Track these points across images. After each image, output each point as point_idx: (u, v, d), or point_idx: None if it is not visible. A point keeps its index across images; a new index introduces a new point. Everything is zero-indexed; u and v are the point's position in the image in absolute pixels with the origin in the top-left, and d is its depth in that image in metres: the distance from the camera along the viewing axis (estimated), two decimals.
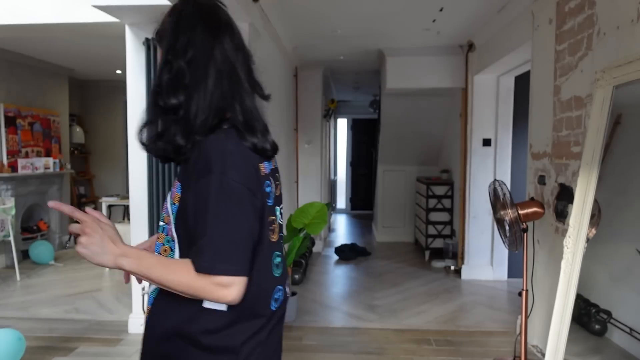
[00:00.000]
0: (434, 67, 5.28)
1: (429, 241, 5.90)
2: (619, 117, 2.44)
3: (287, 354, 3.21)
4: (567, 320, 2.25)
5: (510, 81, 4.88)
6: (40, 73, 6.12)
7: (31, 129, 5.84)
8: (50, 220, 6.23)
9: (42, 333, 3.51)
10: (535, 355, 3.16)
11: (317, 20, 4.23)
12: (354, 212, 10.56)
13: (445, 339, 3.46)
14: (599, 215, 2.47)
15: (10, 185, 5.43)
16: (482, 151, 4.99)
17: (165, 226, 1.08)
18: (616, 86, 2.22)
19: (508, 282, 4.95)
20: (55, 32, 3.93)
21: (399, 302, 4.29)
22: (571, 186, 2.74)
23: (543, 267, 3.12)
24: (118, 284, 4.82)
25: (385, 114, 6.38)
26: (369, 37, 4.85)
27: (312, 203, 3.86)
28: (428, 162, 6.89)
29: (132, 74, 3.43)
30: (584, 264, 2.27)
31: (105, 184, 7.68)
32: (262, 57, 3.82)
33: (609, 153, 2.45)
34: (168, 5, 2.95)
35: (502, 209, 2.89)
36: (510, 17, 3.82)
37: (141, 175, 3.43)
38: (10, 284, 4.81)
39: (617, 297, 2.53)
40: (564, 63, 2.88)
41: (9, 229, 4.86)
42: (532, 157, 3.35)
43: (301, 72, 6.17)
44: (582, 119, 2.65)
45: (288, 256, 3.74)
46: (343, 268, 5.61)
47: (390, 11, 3.97)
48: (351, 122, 10.62)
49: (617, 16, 2.33)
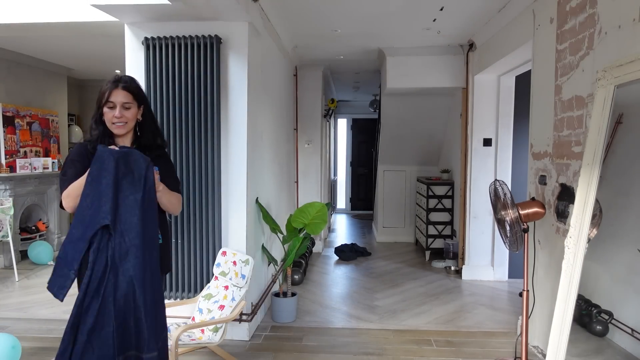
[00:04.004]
0: (434, 66, 5.27)
1: (429, 241, 5.89)
2: (620, 117, 2.43)
3: (287, 354, 3.19)
4: (568, 321, 2.24)
5: (511, 81, 4.87)
6: (39, 72, 6.11)
7: (30, 128, 5.83)
8: (49, 220, 6.21)
9: (40, 334, 3.50)
10: (536, 356, 3.15)
11: (317, 19, 4.22)
12: (354, 212, 10.55)
13: (446, 339, 3.45)
14: (600, 216, 2.46)
15: (9, 185, 5.41)
16: (483, 151, 4.98)
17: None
18: (617, 86, 2.21)
19: (509, 282, 4.94)
20: (54, 31, 3.92)
21: (399, 303, 4.28)
22: (572, 186, 2.73)
23: (544, 268, 3.11)
24: None
25: (385, 114, 6.37)
26: (369, 37, 4.84)
27: (312, 203, 3.84)
28: (428, 162, 6.88)
29: (131, 74, 3.39)
30: (585, 264, 2.26)
31: None
32: (261, 56, 3.80)
33: (611, 153, 2.44)
34: (168, 5, 2.95)
35: (502, 209, 2.88)
36: (511, 17, 3.81)
37: None
38: (8, 284, 4.79)
39: (619, 297, 2.52)
40: (565, 62, 2.87)
41: (7, 230, 4.85)
42: (533, 157, 3.33)
43: (301, 72, 6.16)
44: (583, 118, 2.64)
45: (288, 256, 3.73)
46: (343, 268, 5.60)
47: (390, 11, 3.96)
48: (351, 122, 10.61)
49: (618, 15, 2.32)
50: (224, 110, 3.37)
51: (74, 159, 1.95)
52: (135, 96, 1.97)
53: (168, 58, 3.27)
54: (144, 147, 2.01)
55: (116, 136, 1.99)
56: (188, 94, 3.27)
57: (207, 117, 3.27)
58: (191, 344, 2.75)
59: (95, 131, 1.96)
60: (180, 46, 3.25)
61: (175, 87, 3.27)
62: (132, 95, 1.95)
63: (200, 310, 2.98)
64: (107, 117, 1.93)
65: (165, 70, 3.27)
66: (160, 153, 2.09)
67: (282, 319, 3.76)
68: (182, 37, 3.25)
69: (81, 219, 1.76)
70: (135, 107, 1.97)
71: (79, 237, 1.76)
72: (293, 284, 4.52)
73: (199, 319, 2.95)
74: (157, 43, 3.27)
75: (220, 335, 2.79)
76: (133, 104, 1.96)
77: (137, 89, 1.99)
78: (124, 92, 1.93)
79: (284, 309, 3.77)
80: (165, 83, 3.27)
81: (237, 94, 3.37)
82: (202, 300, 3.01)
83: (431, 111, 6.11)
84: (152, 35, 3.29)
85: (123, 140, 2.01)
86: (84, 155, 1.92)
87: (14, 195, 5.43)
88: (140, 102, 2.01)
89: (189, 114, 3.28)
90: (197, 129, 3.28)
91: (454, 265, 5.33)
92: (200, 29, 3.27)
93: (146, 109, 2.06)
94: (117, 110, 1.91)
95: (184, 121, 3.28)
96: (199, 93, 3.27)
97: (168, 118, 3.28)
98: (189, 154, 3.30)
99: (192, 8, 3.05)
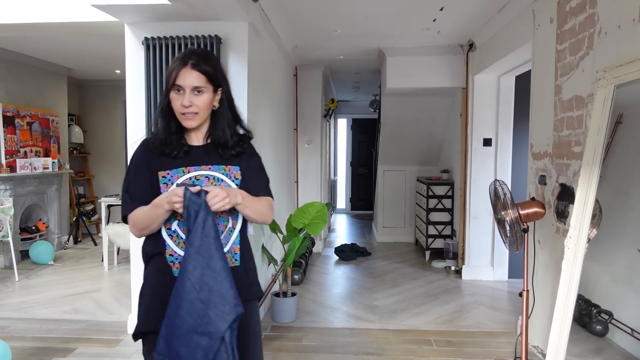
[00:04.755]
0: (434, 66, 5.27)
1: (429, 241, 5.89)
2: (620, 117, 2.43)
3: (287, 354, 3.19)
4: (568, 321, 2.24)
5: (511, 81, 4.87)
6: (39, 72, 6.11)
7: (30, 128, 5.83)
8: (49, 220, 6.22)
9: (41, 334, 3.50)
10: (536, 355, 3.15)
11: (317, 19, 4.22)
12: (354, 212, 10.55)
13: (446, 339, 3.45)
14: (600, 216, 2.46)
15: (9, 185, 5.41)
16: (483, 151, 4.98)
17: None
18: (617, 86, 2.21)
19: (509, 282, 4.94)
20: (54, 32, 3.92)
21: (399, 303, 4.28)
22: (572, 186, 2.73)
23: (544, 268, 3.11)
24: (117, 284, 4.81)
25: (385, 114, 6.37)
26: (369, 37, 4.84)
27: (312, 203, 3.84)
28: (428, 162, 6.88)
29: (131, 74, 3.42)
30: (585, 264, 2.26)
31: (104, 184, 7.67)
32: (261, 56, 3.80)
33: (610, 153, 2.44)
34: (168, 5, 2.95)
35: (502, 209, 2.88)
36: (511, 17, 3.81)
37: None
38: (9, 284, 4.79)
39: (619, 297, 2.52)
40: (565, 62, 2.87)
41: (7, 230, 4.85)
42: (533, 157, 3.33)
43: (301, 72, 6.16)
44: (583, 118, 2.64)
45: (288, 256, 3.73)
46: (343, 268, 5.60)
47: (390, 11, 3.96)
48: (351, 122, 10.61)
49: (618, 15, 2.32)
50: None
51: (137, 165, 1.58)
52: (209, 77, 1.53)
53: (168, 58, 3.26)
54: (218, 145, 1.61)
55: (187, 131, 1.61)
56: None
57: None
58: None
59: (159, 125, 1.58)
60: (181, 46, 3.25)
61: None
62: (205, 76, 1.52)
63: None
64: (175, 106, 1.53)
65: (165, 71, 3.27)
66: (240, 150, 1.64)
67: (282, 319, 3.76)
68: (182, 37, 3.25)
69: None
70: (210, 92, 1.55)
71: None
72: (293, 284, 4.52)
73: None
74: (157, 43, 3.27)
75: None
76: (207, 88, 1.53)
77: (213, 68, 1.55)
78: (196, 72, 1.50)
79: (284, 309, 3.77)
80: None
81: (237, 94, 3.34)
82: None
83: (431, 111, 6.11)
84: (152, 36, 3.29)
85: (196, 135, 1.61)
86: (146, 158, 1.58)
87: (14, 195, 5.43)
88: (217, 85, 1.57)
89: None
90: None
91: (454, 265, 5.33)
92: (200, 29, 3.27)
93: (224, 93, 1.61)
94: (186, 97, 1.50)
95: None
96: None
97: None
98: None
99: (192, 8, 3.05)
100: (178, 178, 1.55)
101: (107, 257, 5.39)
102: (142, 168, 1.57)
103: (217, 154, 1.61)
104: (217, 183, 1.57)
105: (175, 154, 1.56)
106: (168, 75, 1.53)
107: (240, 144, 1.64)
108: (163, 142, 1.56)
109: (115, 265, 5.53)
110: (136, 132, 3.44)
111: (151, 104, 3.28)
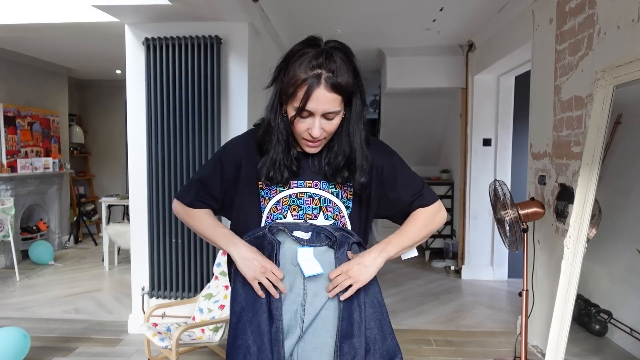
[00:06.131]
0: (434, 67, 5.27)
1: (429, 241, 5.89)
2: (619, 117, 2.43)
3: None
4: (567, 321, 2.24)
5: (511, 81, 4.88)
6: (40, 73, 6.12)
7: (30, 128, 5.84)
8: (50, 220, 6.22)
9: (41, 333, 3.51)
10: (535, 355, 3.15)
11: (317, 19, 4.22)
12: None
13: (446, 339, 3.45)
14: (600, 216, 2.47)
15: (10, 185, 5.42)
16: (483, 151, 4.99)
17: (336, 222, 1.29)
18: (617, 86, 2.22)
19: (508, 282, 4.95)
20: (55, 32, 3.93)
21: (399, 302, 4.29)
22: (572, 186, 2.73)
23: (543, 268, 3.11)
24: (118, 284, 4.81)
25: (385, 114, 6.37)
26: (369, 37, 4.85)
27: None
28: (428, 162, 6.88)
29: (131, 74, 3.42)
30: (584, 264, 2.26)
31: (105, 184, 7.68)
32: (262, 56, 3.81)
33: (610, 153, 2.44)
34: (168, 5, 2.96)
35: (502, 209, 2.89)
36: (510, 17, 3.82)
37: (141, 175, 3.43)
38: (9, 284, 4.80)
39: (618, 297, 2.53)
40: (565, 63, 2.87)
41: (8, 229, 4.86)
42: (533, 157, 3.34)
43: None
44: (583, 118, 2.65)
45: None
46: None
47: (390, 11, 3.97)
48: None
49: (617, 16, 2.32)
50: (224, 111, 3.38)
51: (226, 153, 1.33)
52: (346, 95, 1.18)
53: (168, 58, 3.27)
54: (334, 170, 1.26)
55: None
56: (188, 95, 3.28)
57: (207, 117, 3.28)
58: (191, 343, 2.76)
59: (269, 128, 1.25)
60: (181, 46, 3.26)
61: (175, 87, 3.28)
62: (341, 97, 1.17)
63: (200, 310, 2.99)
64: (297, 129, 1.20)
65: (165, 71, 3.27)
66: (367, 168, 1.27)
67: None
68: (183, 37, 3.25)
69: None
70: (341, 114, 1.21)
71: None
72: None
73: (200, 319, 2.95)
74: (157, 43, 3.27)
75: (221, 334, 2.80)
76: (340, 110, 1.19)
77: (348, 81, 1.18)
78: (331, 93, 1.14)
79: None
80: (166, 83, 3.28)
81: (238, 94, 3.38)
82: (202, 299, 3.02)
83: (431, 111, 6.11)
84: (152, 36, 3.29)
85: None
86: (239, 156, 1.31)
87: (15, 195, 5.44)
88: (348, 101, 1.21)
89: (189, 115, 3.28)
90: (198, 129, 3.29)
91: (454, 265, 5.34)
92: (200, 30, 3.28)
93: (351, 108, 1.23)
94: (316, 125, 1.17)
95: (184, 121, 3.29)
96: (200, 93, 3.27)
97: (168, 118, 3.29)
98: (189, 154, 3.30)
99: (193, 8, 3.06)
100: (277, 193, 1.27)
101: (107, 257, 5.40)
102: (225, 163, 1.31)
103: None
104: (322, 205, 1.27)
105: (285, 177, 1.25)
106: (294, 89, 1.16)
107: (362, 168, 1.26)
108: (274, 162, 1.23)
109: (115, 265, 5.54)
110: (136, 132, 3.45)
111: (151, 104, 3.29)
